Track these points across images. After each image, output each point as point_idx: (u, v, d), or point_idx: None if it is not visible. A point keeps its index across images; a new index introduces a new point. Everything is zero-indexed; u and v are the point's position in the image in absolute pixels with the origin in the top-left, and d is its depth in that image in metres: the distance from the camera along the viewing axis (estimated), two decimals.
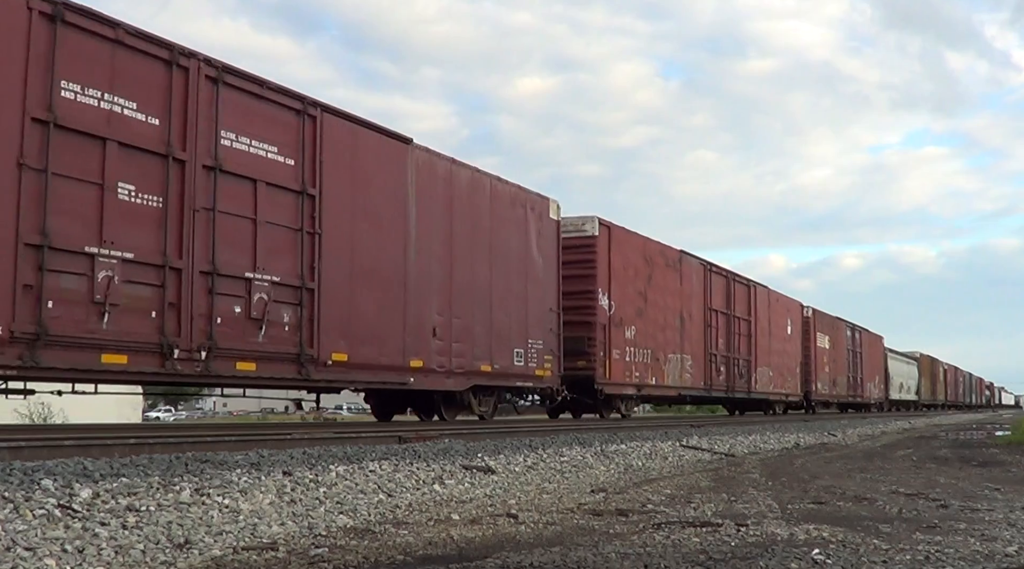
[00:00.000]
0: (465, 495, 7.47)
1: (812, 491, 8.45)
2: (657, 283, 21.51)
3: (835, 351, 38.63)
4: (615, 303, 19.23)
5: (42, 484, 5.17)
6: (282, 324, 10.93)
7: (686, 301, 23.26)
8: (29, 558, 4.22)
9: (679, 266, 23.07)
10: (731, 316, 26.47)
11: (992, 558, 4.99)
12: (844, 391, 40.01)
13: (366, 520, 6.12)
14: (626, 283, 19.89)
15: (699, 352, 23.97)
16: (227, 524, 5.34)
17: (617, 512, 6.62)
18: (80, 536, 4.62)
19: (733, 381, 26.44)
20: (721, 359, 25.60)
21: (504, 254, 15.68)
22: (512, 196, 16.14)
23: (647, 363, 20.75)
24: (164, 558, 4.63)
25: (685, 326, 23.04)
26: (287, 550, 4.97)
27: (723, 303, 26.03)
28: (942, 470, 11.40)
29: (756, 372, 28.35)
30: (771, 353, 30.12)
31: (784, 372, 31.62)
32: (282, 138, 11.11)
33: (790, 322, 32.86)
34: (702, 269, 24.86)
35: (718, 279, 25.99)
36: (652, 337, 21.05)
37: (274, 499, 6.02)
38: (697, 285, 24.26)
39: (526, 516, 6.36)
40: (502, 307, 15.49)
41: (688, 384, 23.33)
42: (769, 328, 30.05)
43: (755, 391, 28.40)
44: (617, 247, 19.58)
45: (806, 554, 4.88)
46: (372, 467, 7.45)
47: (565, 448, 10.54)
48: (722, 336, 25.75)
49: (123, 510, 5.08)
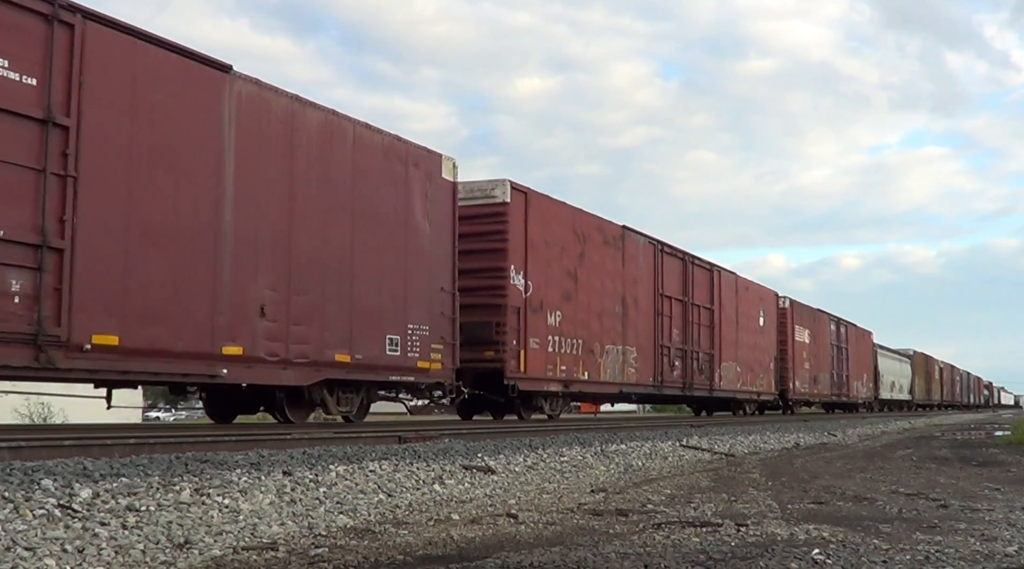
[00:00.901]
0: (465, 495, 7.47)
1: (812, 491, 8.45)
2: (592, 262, 18.49)
3: (816, 346, 35.85)
4: (533, 283, 16.25)
5: (42, 484, 5.17)
6: (8, 294, 8.34)
7: (630, 285, 20.21)
8: (29, 558, 4.22)
9: (621, 244, 19.92)
10: (689, 304, 23.38)
11: (992, 558, 4.99)
12: (827, 389, 37.39)
13: (366, 520, 6.12)
14: (549, 260, 16.90)
15: (647, 344, 20.92)
16: (227, 524, 5.35)
17: (617, 512, 6.62)
18: (80, 536, 4.62)
19: (691, 377, 23.34)
20: (676, 352, 22.53)
21: (373, 219, 12.73)
22: (387, 148, 13.08)
23: (577, 355, 17.75)
24: (164, 558, 4.63)
25: (629, 313, 20.01)
26: (287, 550, 4.97)
27: (678, 289, 22.94)
28: (942, 470, 11.41)
29: (720, 368, 25.28)
30: (739, 347, 27.01)
31: (755, 368, 28.55)
32: (18, 50, 8.54)
33: (763, 313, 29.77)
34: (651, 249, 21.65)
35: (672, 261, 22.83)
36: (584, 325, 18.09)
37: (274, 499, 6.02)
38: (645, 267, 21.18)
39: (526, 516, 6.36)
40: (370, 284, 12.63)
41: (633, 380, 20.23)
42: (736, 319, 26.91)
43: (719, 389, 25.37)
44: (537, 217, 16.57)
45: (806, 554, 4.88)
46: (372, 467, 7.45)
47: (565, 448, 10.55)
48: (677, 326, 22.64)
49: (123, 510, 5.08)
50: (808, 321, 35.05)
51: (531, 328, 16.19)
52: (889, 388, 51.04)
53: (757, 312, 29.27)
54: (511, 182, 15.99)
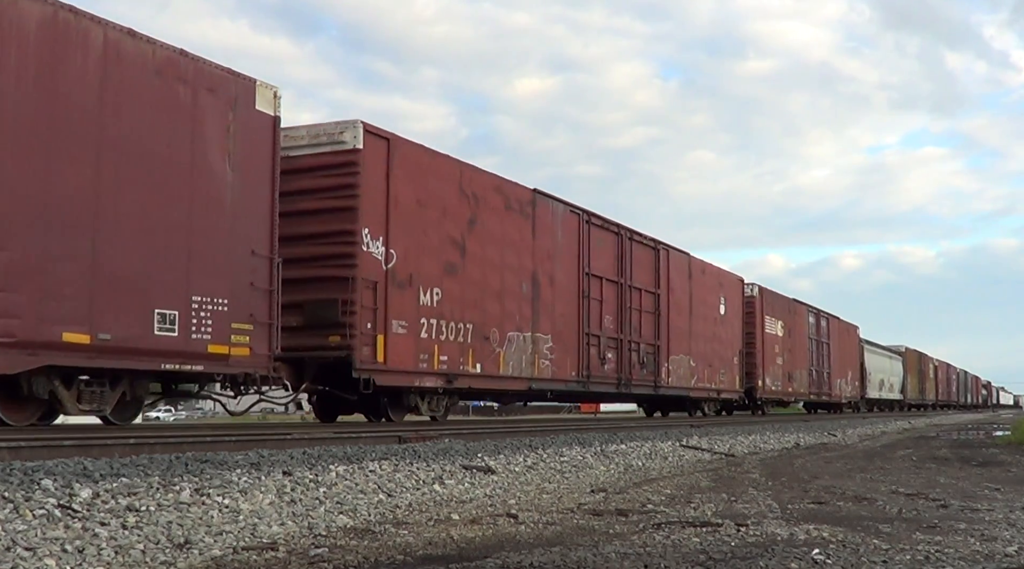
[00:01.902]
0: (465, 495, 7.47)
1: (812, 491, 8.45)
2: (488, 231, 15.44)
3: (792, 340, 32.59)
4: (398, 253, 13.29)
5: (42, 484, 5.17)
6: None
7: (543, 260, 17.08)
8: (29, 558, 4.22)
9: (531, 211, 16.77)
10: (625, 286, 20.18)
11: (992, 558, 4.99)
12: (805, 388, 34.17)
13: (366, 520, 6.12)
14: (424, 226, 13.93)
15: (568, 332, 17.79)
16: (227, 524, 5.34)
17: (617, 512, 6.62)
18: (80, 536, 4.62)
19: (628, 372, 20.14)
20: (608, 343, 19.26)
21: (135, 156, 9.72)
22: (162, 65, 10.03)
23: (465, 343, 14.68)
24: (164, 558, 4.63)
25: (542, 295, 16.88)
26: (287, 550, 4.97)
27: (612, 268, 19.71)
28: (942, 470, 11.41)
29: (668, 362, 22.21)
30: (693, 338, 23.82)
31: (714, 363, 25.38)
32: None
33: (724, 300, 26.39)
34: (575, 219, 18.29)
35: (603, 235, 19.47)
36: (476, 306, 15.01)
37: (274, 499, 6.02)
38: (566, 240, 17.91)
39: (526, 516, 6.36)
40: (126, 239, 9.61)
41: (547, 375, 16.99)
42: (690, 306, 23.73)
43: (666, 386, 22.18)
44: (405, 171, 13.50)
45: (806, 554, 4.88)
46: (372, 467, 7.45)
47: (565, 448, 10.55)
48: (610, 312, 19.44)
49: (123, 510, 5.08)
50: (781, 312, 31.89)
51: (394, 308, 13.09)
52: (877, 387, 48.50)
53: (717, 299, 25.92)
54: (365, 125, 12.80)
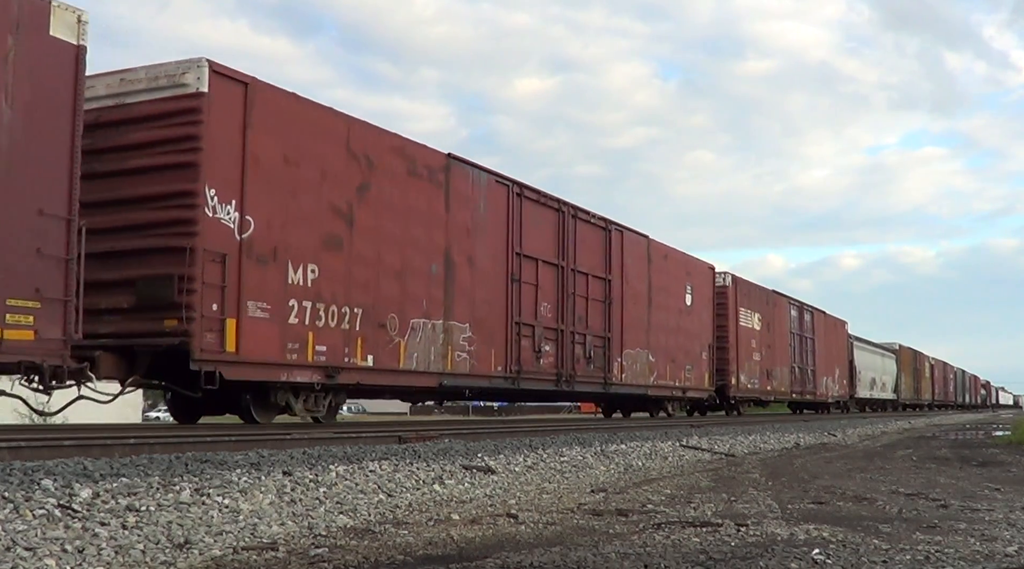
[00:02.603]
0: (465, 495, 7.47)
1: (812, 491, 8.45)
2: (385, 200, 13.02)
3: (771, 334, 30.13)
4: (258, 220, 10.98)
5: (42, 484, 5.17)
6: None
7: (460, 237, 14.69)
8: (29, 558, 4.22)
9: (444, 179, 14.36)
10: (567, 270, 17.71)
11: (992, 558, 4.99)
12: (786, 386, 31.68)
13: (366, 520, 6.12)
14: (294, 189, 11.53)
15: (492, 320, 15.41)
16: (227, 524, 5.35)
17: (617, 512, 6.63)
18: (80, 536, 4.62)
19: (572, 367, 17.80)
20: (545, 334, 16.88)
21: None
22: None
23: (352, 331, 12.29)
24: (164, 558, 4.63)
25: (458, 276, 14.56)
26: (287, 550, 4.97)
27: (551, 249, 17.36)
28: (942, 470, 11.41)
29: (621, 356, 19.77)
30: (652, 330, 21.42)
31: (678, 358, 22.91)
32: None
33: (691, 290, 23.86)
34: (503, 191, 15.94)
35: (539, 212, 17.08)
36: (368, 288, 12.65)
37: (274, 499, 6.03)
38: (491, 215, 15.51)
39: (526, 516, 6.36)
40: None
41: (465, 370, 14.66)
42: (649, 295, 21.36)
43: (619, 383, 19.72)
44: (268, 122, 11.20)
45: (806, 554, 4.88)
46: (372, 467, 7.45)
47: (565, 448, 10.55)
48: (548, 299, 17.09)
49: (123, 510, 5.08)
50: (759, 304, 29.29)
51: (252, 287, 10.87)
52: (868, 386, 45.88)
53: (682, 288, 23.48)
54: (213, 63, 10.58)
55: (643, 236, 21.46)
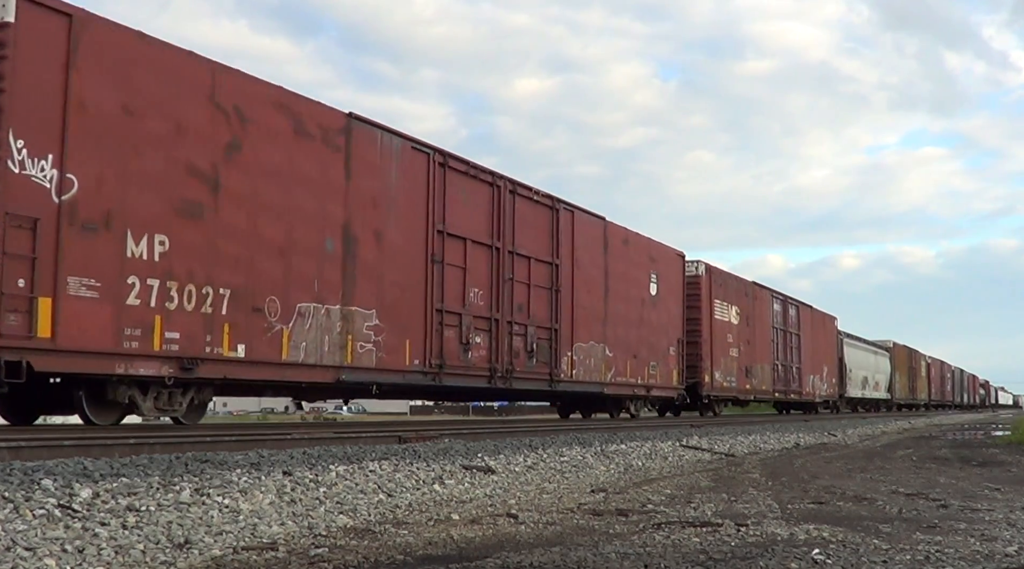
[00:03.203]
0: (465, 495, 7.47)
1: (812, 491, 8.46)
2: (263, 162, 11.11)
3: (751, 329, 28.15)
4: (85, 179, 9.26)
5: (42, 484, 5.17)
6: None
7: (364, 210, 12.67)
8: (29, 558, 4.23)
9: (345, 142, 12.40)
10: (504, 252, 15.76)
11: (992, 558, 4.99)
12: (768, 385, 29.62)
13: (366, 520, 6.13)
14: (136, 144, 9.77)
15: (406, 306, 13.40)
16: (227, 524, 5.35)
17: (617, 512, 6.63)
18: (80, 536, 4.63)
19: (509, 362, 15.75)
20: (475, 323, 14.93)
21: None
22: None
23: (216, 315, 10.42)
24: (164, 558, 4.63)
25: (361, 255, 12.59)
26: (287, 550, 4.97)
27: (484, 228, 15.37)
28: (942, 470, 11.41)
29: (572, 350, 17.85)
30: (609, 322, 19.42)
31: (642, 353, 20.89)
32: None
33: (656, 278, 21.89)
34: (422, 160, 13.93)
35: (471, 185, 15.11)
36: (237, 265, 10.73)
37: (274, 499, 6.03)
38: (406, 186, 13.54)
39: (526, 516, 6.36)
40: None
41: (369, 363, 12.64)
42: (605, 282, 19.39)
43: (568, 379, 17.65)
44: (102, 64, 9.52)
45: (806, 554, 4.89)
46: (372, 467, 7.46)
47: (565, 448, 10.55)
48: (479, 284, 15.15)
49: (123, 510, 5.08)
50: (736, 296, 27.22)
51: (74, 259, 9.14)
52: (860, 385, 43.97)
53: (646, 276, 21.49)
54: None
55: (599, 217, 19.38)
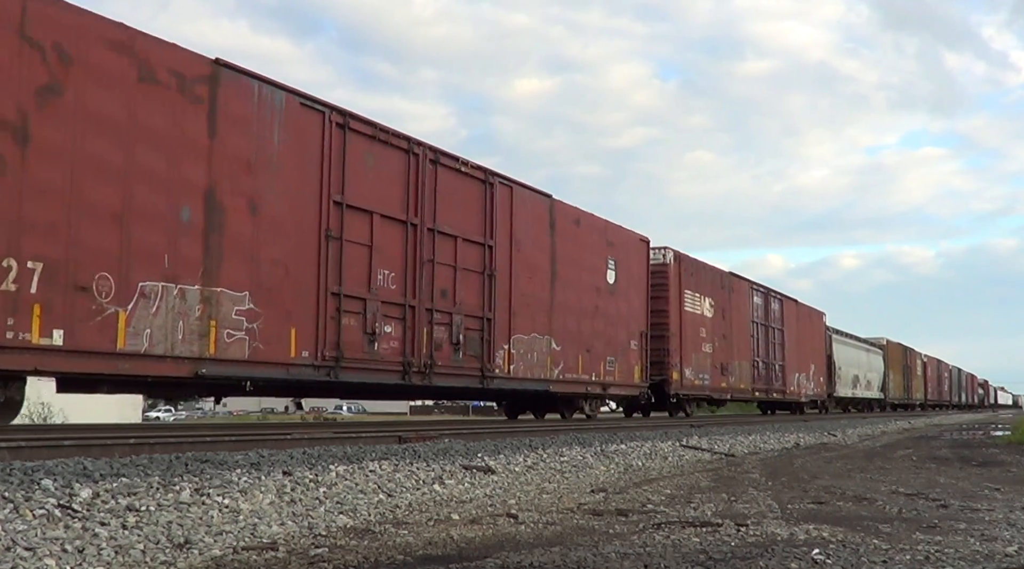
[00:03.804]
0: (465, 495, 7.47)
1: (812, 491, 8.46)
2: (89, 111, 9.34)
3: (727, 323, 26.20)
4: None
5: (42, 484, 5.17)
6: None
7: (235, 174, 10.80)
8: (29, 558, 4.23)
9: (209, 93, 10.54)
10: (422, 229, 13.82)
11: (992, 558, 4.99)
12: (747, 383, 27.62)
13: (366, 520, 6.13)
14: None
15: (291, 289, 11.52)
16: (227, 524, 5.35)
17: (617, 512, 6.63)
18: (80, 536, 4.63)
19: (429, 355, 13.83)
20: (385, 311, 13.03)
21: None
22: None
23: (20, 293, 8.62)
24: (164, 558, 4.63)
25: (229, 227, 10.69)
26: (287, 550, 4.97)
27: (398, 201, 13.39)
28: (942, 470, 11.41)
29: (510, 343, 15.84)
30: (557, 312, 17.43)
31: (596, 347, 18.88)
32: None
33: (615, 265, 19.76)
34: (315, 120, 12.06)
35: (380, 152, 13.16)
36: (50, 233, 8.94)
37: (274, 499, 6.03)
38: (292, 148, 11.63)
39: (526, 516, 6.36)
40: None
41: (239, 355, 10.76)
42: (552, 268, 17.37)
43: (505, 375, 15.69)
44: None
45: (806, 554, 4.89)
46: (372, 467, 7.46)
47: (565, 448, 10.55)
48: (390, 265, 13.18)
49: (123, 510, 5.08)
50: (710, 287, 25.26)
51: None
52: (850, 384, 42.01)
53: (602, 262, 19.44)
54: None
55: (544, 195, 17.43)
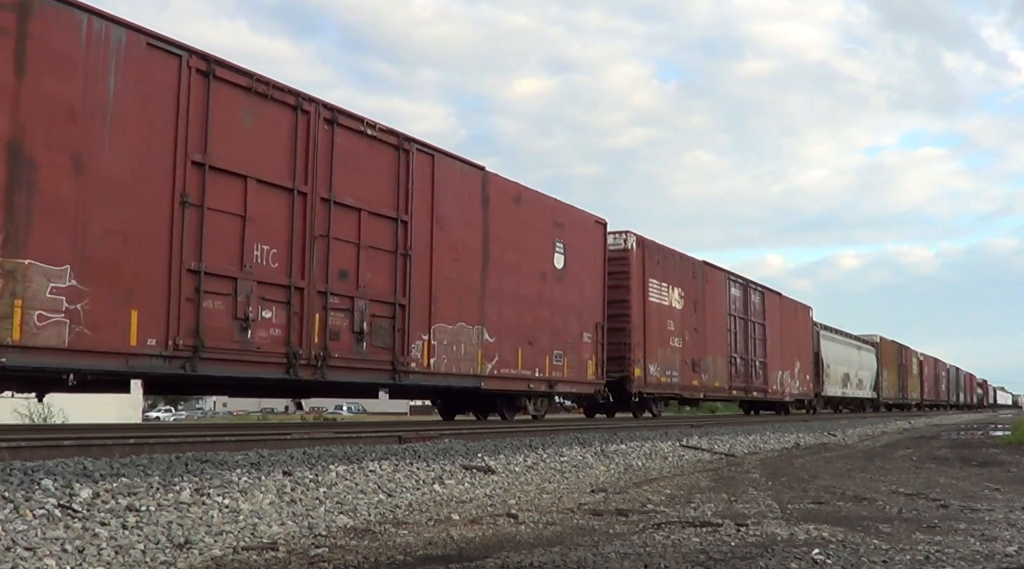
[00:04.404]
0: (465, 495, 7.47)
1: (812, 491, 8.46)
2: None
3: (700, 316, 24.19)
4: None
5: (42, 484, 5.17)
6: None
7: (51, 122, 9.08)
8: (29, 558, 4.23)
9: (16, 23, 8.86)
10: (314, 199, 11.88)
11: (992, 558, 4.99)
12: (722, 381, 25.53)
13: (366, 520, 6.12)
14: None
15: (136, 264, 9.78)
16: (227, 524, 5.35)
17: (617, 512, 6.63)
18: (80, 536, 4.63)
19: (322, 346, 11.85)
20: (264, 293, 11.09)
21: None
22: None
23: None
24: (164, 558, 4.63)
25: (40, 186, 8.96)
26: (287, 550, 4.97)
27: (282, 165, 11.45)
28: (942, 470, 11.41)
29: (431, 333, 13.81)
30: (489, 299, 15.30)
31: (540, 339, 16.79)
32: None
33: (564, 249, 17.71)
34: (169, 65, 10.24)
35: (258, 107, 11.23)
36: None
37: (274, 499, 6.03)
38: (135, 94, 9.85)
39: (526, 516, 6.36)
40: None
41: (54, 342, 8.86)
42: (485, 249, 15.31)
43: (422, 370, 13.67)
44: None
45: (806, 554, 4.89)
46: (372, 467, 7.46)
47: (565, 448, 10.55)
48: (274, 240, 11.30)
49: (123, 510, 5.08)
50: (680, 276, 23.18)
51: None
52: (840, 382, 39.97)
53: (549, 245, 17.37)
54: None
55: (476, 166, 15.30)
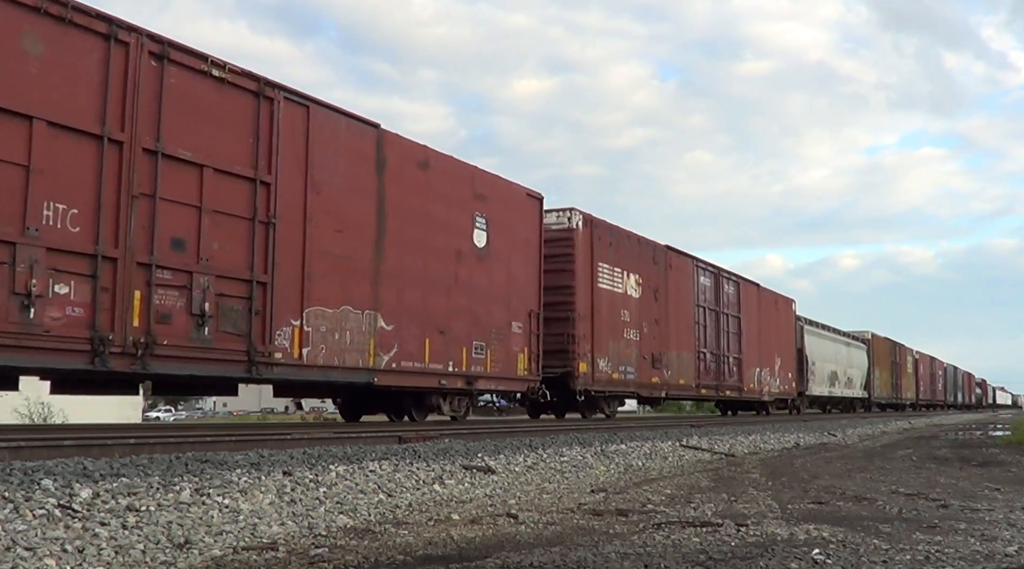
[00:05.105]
0: (465, 495, 7.47)
1: (812, 491, 8.45)
2: None
3: (662, 306, 21.78)
4: None
5: (42, 484, 5.17)
6: None
7: None
8: (29, 558, 4.22)
9: None
10: (133, 150, 9.72)
11: (992, 558, 4.99)
12: (689, 379, 23.35)
13: (366, 520, 6.12)
14: None
15: None
16: (227, 524, 5.35)
17: (617, 512, 6.63)
18: (80, 536, 4.63)
19: (144, 330, 9.71)
20: (53, 263, 8.92)
21: None
22: None
23: None
24: (164, 558, 4.63)
25: None
26: (287, 550, 4.97)
27: (86, 106, 9.36)
28: (942, 470, 11.41)
29: (302, 318, 11.80)
30: (386, 279, 13.37)
31: (457, 329, 14.86)
32: None
33: (485, 224, 15.62)
34: None
35: (45, 29, 8.93)
36: None
37: (274, 499, 6.03)
38: None
39: (526, 516, 6.36)
40: None
41: None
42: (381, 220, 13.27)
43: (294, 362, 11.66)
44: None
45: (806, 554, 4.88)
46: (372, 467, 7.46)
47: (565, 448, 10.55)
48: (69, 198, 9.15)
49: (123, 510, 5.08)
50: (637, 261, 20.77)
51: None
52: (826, 381, 37.78)
53: (467, 219, 15.30)
54: None
55: (368, 124, 13.15)
